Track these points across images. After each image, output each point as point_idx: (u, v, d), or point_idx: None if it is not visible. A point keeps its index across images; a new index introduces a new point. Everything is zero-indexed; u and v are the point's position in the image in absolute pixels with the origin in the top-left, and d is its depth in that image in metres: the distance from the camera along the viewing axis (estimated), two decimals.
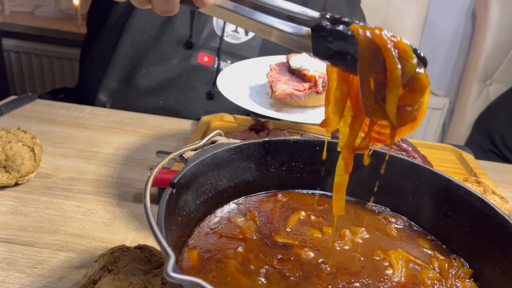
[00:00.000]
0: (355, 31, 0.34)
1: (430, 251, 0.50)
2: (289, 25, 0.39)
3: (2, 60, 1.98)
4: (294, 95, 0.69)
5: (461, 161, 0.96)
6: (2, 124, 0.88)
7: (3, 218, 0.63)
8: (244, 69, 0.83)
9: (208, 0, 0.40)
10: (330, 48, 0.35)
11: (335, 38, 0.35)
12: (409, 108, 0.35)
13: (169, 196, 0.43)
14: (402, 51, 0.33)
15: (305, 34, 0.37)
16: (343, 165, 0.42)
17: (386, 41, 0.33)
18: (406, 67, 0.33)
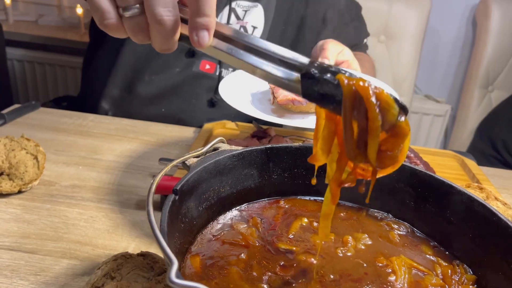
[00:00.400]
0: (340, 81, 0.37)
1: (433, 258, 0.50)
2: (281, 70, 0.42)
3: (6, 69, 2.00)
4: (296, 100, 0.69)
5: (463, 167, 0.96)
6: (6, 132, 0.89)
7: (7, 226, 0.63)
8: (246, 76, 0.83)
9: (204, 42, 0.42)
10: (318, 93, 0.39)
11: (322, 85, 0.38)
12: (389, 152, 0.37)
13: (172, 203, 0.43)
14: (384, 102, 0.35)
15: (295, 79, 0.40)
16: (330, 196, 0.45)
17: (369, 93, 0.35)
18: (388, 116, 0.36)
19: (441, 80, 2.19)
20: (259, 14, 1.14)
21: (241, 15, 1.12)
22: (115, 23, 0.43)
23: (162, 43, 0.44)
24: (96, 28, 1.23)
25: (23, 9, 2.32)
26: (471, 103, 1.98)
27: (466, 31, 2.08)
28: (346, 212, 0.57)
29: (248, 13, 1.13)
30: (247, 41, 0.42)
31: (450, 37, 2.10)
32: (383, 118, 0.36)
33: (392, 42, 1.80)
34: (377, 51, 1.79)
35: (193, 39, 0.42)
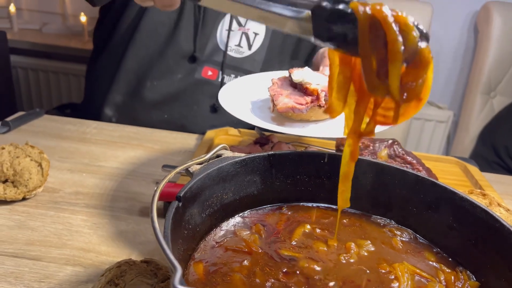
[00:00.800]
0: (354, 9, 0.34)
1: (436, 264, 0.50)
2: (289, 9, 0.38)
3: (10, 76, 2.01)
4: (296, 108, 0.68)
5: (466, 174, 0.96)
6: (11, 140, 0.89)
7: (11, 233, 0.63)
8: (246, 84, 0.83)
9: None
10: (330, 29, 0.35)
11: (335, 18, 0.35)
12: (412, 83, 0.35)
13: (175, 209, 0.43)
14: (403, 24, 0.33)
15: (305, 16, 0.37)
16: (349, 152, 0.42)
17: (386, 15, 0.33)
18: (408, 40, 0.33)
19: (443, 86, 2.20)
20: None
21: (242, 22, 1.13)
22: None
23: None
24: (100, 35, 1.24)
25: (28, 17, 2.34)
26: (473, 109, 1.98)
27: (467, 38, 2.09)
28: (349, 219, 0.57)
29: (249, 20, 1.14)
30: None
31: (451, 44, 2.10)
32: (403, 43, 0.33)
33: None
34: None
35: None
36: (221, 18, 1.12)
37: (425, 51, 0.34)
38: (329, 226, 0.55)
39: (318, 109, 0.70)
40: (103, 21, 1.20)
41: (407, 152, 0.79)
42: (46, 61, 2.09)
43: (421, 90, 0.35)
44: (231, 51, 1.13)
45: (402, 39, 0.33)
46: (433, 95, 2.20)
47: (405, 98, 0.35)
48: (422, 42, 0.34)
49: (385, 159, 0.77)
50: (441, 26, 2.04)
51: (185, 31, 1.10)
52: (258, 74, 0.89)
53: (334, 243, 0.52)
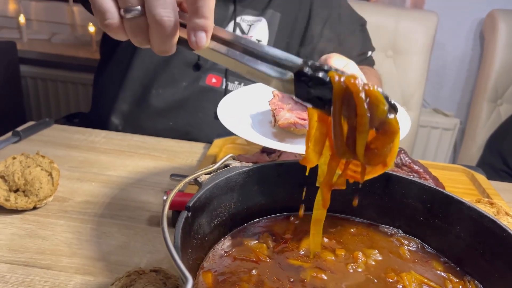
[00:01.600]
0: (331, 78, 0.38)
1: (444, 274, 0.50)
2: (275, 69, 0.43)
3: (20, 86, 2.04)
4: (298, 124, 0.66)
5: (473, 182, 0.96)
6: (21, 149, 0.91)
7: (22, 241, 0.64)
8: (245, 96, 0.80)
9: (202, 44, 0.43)
10: (310, 92, 0.40)
11: (315, 83, 0.39)
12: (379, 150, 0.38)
13: (185, 219, 0.44)
14: (374, 97, 0.36)
15: (288, 78, 0.41)
16: (321, 200, 0.45)
17: (359, 89, 0.36)
18: (377, 112, 0.36)
19: (450, 94, 2.20)
20: (263, 28, 1.16)
21: (245, 30, 1.15)
22: (116, 23, 0.44)
23: (161, 44, 0.45)
24: (107, 45, 1.26)
25: (37, 27, 2.38)
26: (480, 117, 1.98)
27: (473, 45, 2.09)
28: (356, 228, 0.57)
29: (252, 27, 1.15)
30: (244, 44, 0.44)
31: (457, 51, 2.11)
32: (372, 114, 0.36)
33: (400, 57, 1.81)
34: (385, 66, 1.80)
35: (191, 40, 0.43)
36: (224, 27, 1.13)
37: (392, 122, 0.37)
38: (337, 235, 0.56)
39: None
40: None
41: (414, 160, 0.80)
42: (55, 70, 2.12)
43: (387, 155, 0.39)
44: None
45: (371, 111, 0.36)
46: (439, 102, 2.20)
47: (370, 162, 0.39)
48: (391, 114, 0.37)
49: (392, 168, 0.77)
50: (447, 34, 2.04)
51: None
52: (256, 84, 0.84)
53: (342, 252, 0.52)
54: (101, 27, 0.45)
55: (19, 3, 2.30)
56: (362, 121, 0.36)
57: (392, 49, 1.80)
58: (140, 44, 0.46)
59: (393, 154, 0.39)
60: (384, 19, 1.78)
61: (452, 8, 2.02)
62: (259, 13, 1.15)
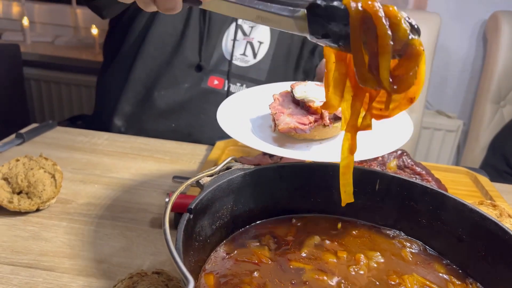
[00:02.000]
0: (347, 4, 0.35)
1: (446, 276, 0.50)
2: (286, 8, 0.40)
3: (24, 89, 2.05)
4: (298, 128, 0.64)
5: (476, 184, 0.95)
6: (25, 151, 0.91)
7: (25, 243, 0.64)
8: (245, 100, 0.78)
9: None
10: (325, 25, 0.37)
11: (329, 14, 0.36)
12: (404, 75, 0.36)
13: (187, 221, 0.44)
14: (394, 17, 0.34)
15: (301, 15, 0.39)
16: (348, 145, 0.43)
17: (377, 9, 0.34)
18: (399, 32, 0.34)
19: (453, 95, 2.19)
20: (265, 30, 1.16)
21: (247, 31, 1.15)
22: None
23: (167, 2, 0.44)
24: (110, 47, 1.27)
25: (40, 30, 2.39)
26: (483, 119, 1.97)
27: (476, 47, 2.08)
28: (358, 230, 0.57)
29: (254, 29, 1.16)
30: None
31: (460, 53, 2.10)
32: (394, 35, 0.34)
33: None
34: None
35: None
36: (226, 29, 1.14)
37: (415, 43, 0.35)
38: (339, 237, 0.56)
39: (322, 128, 0.66)
40: (112, 33, 1.23)
41: (416, 162, 0.80)
42: (58, 73, 2.13)
43: (413, 81, 0.36)
44: (236, 60, 1.14)
45: (392, 32, 0.34)
46: (442, 104, 2.19)
47: (396, 89, 0.36)
48: (414, 35, 0.35)
49: (394, 170, 0.77)
50: (450, 36, 2.04)
51: (191, 41, 1.12)
52: (257, 87, 0.83)
53: (344, 254, 0.52)
54: None
55: (23, 5, 2.32)
56: (384, 42, 0.34)
57: None
58: (145, 5, 0.45)
59: (420, 81, 0.36)
60: None
61: (455, 9, 2.02)
62: None
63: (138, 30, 1.14)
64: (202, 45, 1.12)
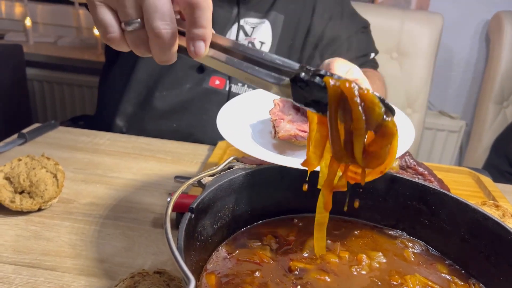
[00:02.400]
0: (326, 83, 0.38)
1: (449, 276, 0.50)
2: (272, 75, 0.43)
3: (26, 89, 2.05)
4: (299, 136, 0.63)
5: (479, 184, 0.95)
6: (27, 151, 0.91)
7: (27, 243, 0.65)
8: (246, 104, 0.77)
9: (201, 52, 0.45)
10: (306, 97, 0.41)
11: (311, 88, 0.40)
12: (377, 153, 0.38)
13: (188, 221, 0.44)
14: (369, 101, 0.36)
15: (285, 84, 0.42)
16: (323, 202, 0.46)
17: (354, 93, 0.36)
18: (373, 115, 0.36)
19: (455, 96, 2.19)
20: (266, 30, 1.16)
21: (249, 32, 1.15)
22: (117, 36, 0.45)
23: (161, 55, 0.46)
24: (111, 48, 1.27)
25: (43, 30, 2.40)
26: (486, 119, 1.97)
27: (479, 47, 2.08)
28: (360, 230, 0.57)
29: (256, 29, 1.16)
30: (242, 50, 0.45)
31: (463, 53, 2.10)
32: (368, 117, 0.36)
33: (405, 59, 1.80)
34: (390, 68, 1.79)
35: (190, 49, 0.45)
36: (228, 29, 1.14)
37: (389, 124, 0.37)
38: (341, 237, 0.56)
39: None
40: None
41: (419, 163, 0.79)
42: (61, 73, 2.13)
43: (385, 157, 0.38)
44: None
45: (366, 114, 0.36)
46: (445, 104, 2.19)
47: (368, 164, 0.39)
48: (388, 117, 0.37)
49: (397, 170, 0.77)
50: (452, 36, 2.03)
51: None
52: (257, 90, 0.81)
53: (346, 254, 0.52)
54: (103, 40, 0.46)
55: (26, 6, 2.32)
56: (357, 125, 0.37)
57: (397, 51, 1.80)
58: (142, 54, 0.47)
59: (392, 156, 0.39)
60: (388, 20, 1.77)
61: (457, 9, 2.01)
62: (262, 16, 1.15)
63: None
64: None
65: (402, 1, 2.05)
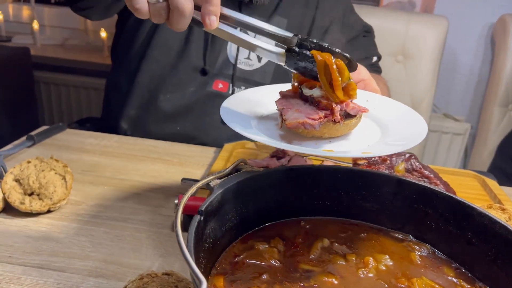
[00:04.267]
0: (313, 55, 0.55)
1: (455, 279, 0.50)
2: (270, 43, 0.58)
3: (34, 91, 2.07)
4: (308, 124, 0.59)
5: (484, 187, 0.95)
6: (35, 153, 0.92)
7: (36, 244, 0.65)
8: (251, 98, 0.75)
9: (214, 25, 0.55)
10: (296, 63, 0.57)
11: (301, 58, 0.56)
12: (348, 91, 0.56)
13: (198, 223, 0.44)
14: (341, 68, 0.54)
15: (281, 52, 0.57)
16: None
17: (332, 62, 0.54)
18: (343, 76, 0.55)
19: (460, 98, 2.18)
20: None
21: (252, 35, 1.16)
22: (144, 7, 0.54)
23: (178, 24, 0.55)
24: (116, 51, 1.28)
25: (50, 33, 2.42)
26: (491, 122, 1.96)
27: (484, 50, 2.08)
28: (367, 233, 0.58)
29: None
30: (245, 21, 0.58)
31: (468, 56, 2.09)
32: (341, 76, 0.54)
33: (410, 61, 1.80)
34: (395, 70, 1.79)
35: (206, 22, 0.55)
36: None
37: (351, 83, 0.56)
38: (348, 240, 0.56)
39: (332, 125, 0.61)
40: (119, 38, 1.24)
41: (424, 166, 0.79)
42: (68, 76, 2.15)
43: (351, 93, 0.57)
44: (240, 64, 1.15)
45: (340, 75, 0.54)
46: (449, 107, 2.19)
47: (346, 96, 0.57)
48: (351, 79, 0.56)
49: (402, 173, 0.77)
50: (457, 39, 2.03)
51: (196, 46, 1.13)
52: (263, 87, 0.79)
53: (353, 257, 0.52)
54: (130, 8, 0.55)
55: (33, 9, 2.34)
56: (336, 83, 0.54)
57: (402, 54, 1.80)
58: (158, 21, 0.56)
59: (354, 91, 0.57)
60: (394, 23, 1.78)
61: (462, 12, 2.01)
62: (265, 20, 1.16)
63: (144, 34, 1.15)
64: (207, 50, 1.13)
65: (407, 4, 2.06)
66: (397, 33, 1.77)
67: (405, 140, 0.56)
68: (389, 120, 0.63)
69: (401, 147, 0.54)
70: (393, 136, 0.59)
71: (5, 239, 0.66)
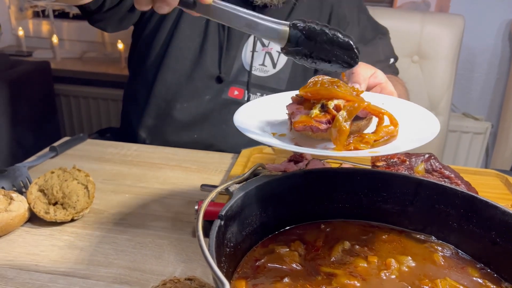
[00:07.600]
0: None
1: (480, 280, 0.50)
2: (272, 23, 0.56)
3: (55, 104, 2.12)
4: (315, 126, 0.60)
5: (507, 186, 0.93)
6: (58, 164, 0.94)
7: (62, 252, 0.67)
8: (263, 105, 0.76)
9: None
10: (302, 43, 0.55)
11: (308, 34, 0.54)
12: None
13: (218, 228, 0.45)
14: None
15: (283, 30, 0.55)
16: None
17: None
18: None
19: (479, 97, 2.15)
20: None
21: (266, 42, 1.17)
22: None
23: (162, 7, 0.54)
24: (133, 62, 1.30)
25: (69, 47, 2.48)
26: None
27: (502, 47, 2.04)
28: (388, 235, 0.57)
29: None
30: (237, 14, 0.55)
31: (486, 54, 2.06)
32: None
33: (426, 62, 1.78)
34: (411, 71, 1.78)
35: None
36: (245, 41, 1.16)
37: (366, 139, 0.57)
38: (368, 242, 0.56)
39: None
40: (135, 49, 1.26)
41: (445, 166, 0.78)
42: (87, 88, 2.20)
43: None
44: (255, 70, 1.16)
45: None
46: (468, 106, 2.15)
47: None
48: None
49: (422, 174, 0.76)
50: (474, 37, 2.00)
51: (211, 54, 1.14)
52: (276, 94, 0.80)
53: (374, 259, 0.52)
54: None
55: (52, 24, 2.41)
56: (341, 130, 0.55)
57: (418, 54, 1.78)
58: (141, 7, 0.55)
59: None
60: (409, 24, 1.76)
61: (478, 10, 1.98)
62: None
63: (159, 45, 1.17)
64: (222, 58, 1.14)
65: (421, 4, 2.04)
66: (412, 33, 1.76)
67: (414, 140, 0.56)
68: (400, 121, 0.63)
69: (409, 146, 0.54)
70: (402, 136, 0.59)
71: (32, 248, 0.68)
